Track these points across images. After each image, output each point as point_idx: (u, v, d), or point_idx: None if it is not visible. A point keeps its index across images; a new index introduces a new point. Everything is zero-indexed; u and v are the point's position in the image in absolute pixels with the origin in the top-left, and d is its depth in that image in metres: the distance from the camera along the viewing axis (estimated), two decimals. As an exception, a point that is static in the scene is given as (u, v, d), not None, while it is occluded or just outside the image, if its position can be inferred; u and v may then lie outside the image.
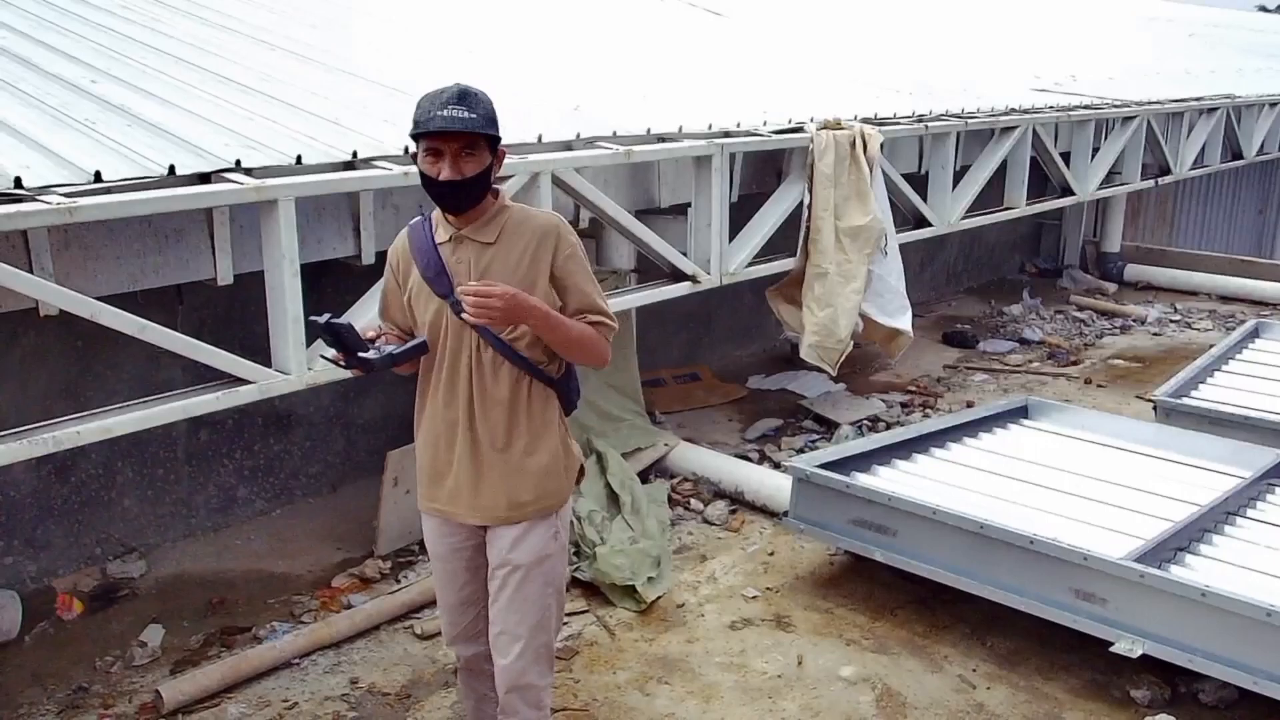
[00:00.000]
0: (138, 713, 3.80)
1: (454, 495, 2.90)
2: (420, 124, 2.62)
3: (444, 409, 2.85)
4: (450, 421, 2.85)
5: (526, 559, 2.91)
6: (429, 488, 2.96)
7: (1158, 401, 6.01)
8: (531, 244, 2.79)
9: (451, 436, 2.85)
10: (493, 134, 2.68)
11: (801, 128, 5.84)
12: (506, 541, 2.90)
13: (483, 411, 2.83)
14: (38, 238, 3.40)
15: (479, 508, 2.89)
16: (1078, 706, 3.87)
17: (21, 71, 4.22)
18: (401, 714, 3.81)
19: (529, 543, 2.91)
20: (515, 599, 2.92)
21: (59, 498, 4.64)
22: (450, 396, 2.84)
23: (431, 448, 2.91)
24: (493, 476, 2.86)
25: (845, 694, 3.94)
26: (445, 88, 2.62)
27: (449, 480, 2.89)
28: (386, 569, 4.79)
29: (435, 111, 2.58)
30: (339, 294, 4.22)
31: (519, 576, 2.91)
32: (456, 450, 2.85)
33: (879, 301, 6.34)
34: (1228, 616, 3.62)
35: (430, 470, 2.94)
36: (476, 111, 2.60)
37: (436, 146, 2.62)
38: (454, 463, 2.87)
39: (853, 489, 4.51)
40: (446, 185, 2.64)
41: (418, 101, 2.65)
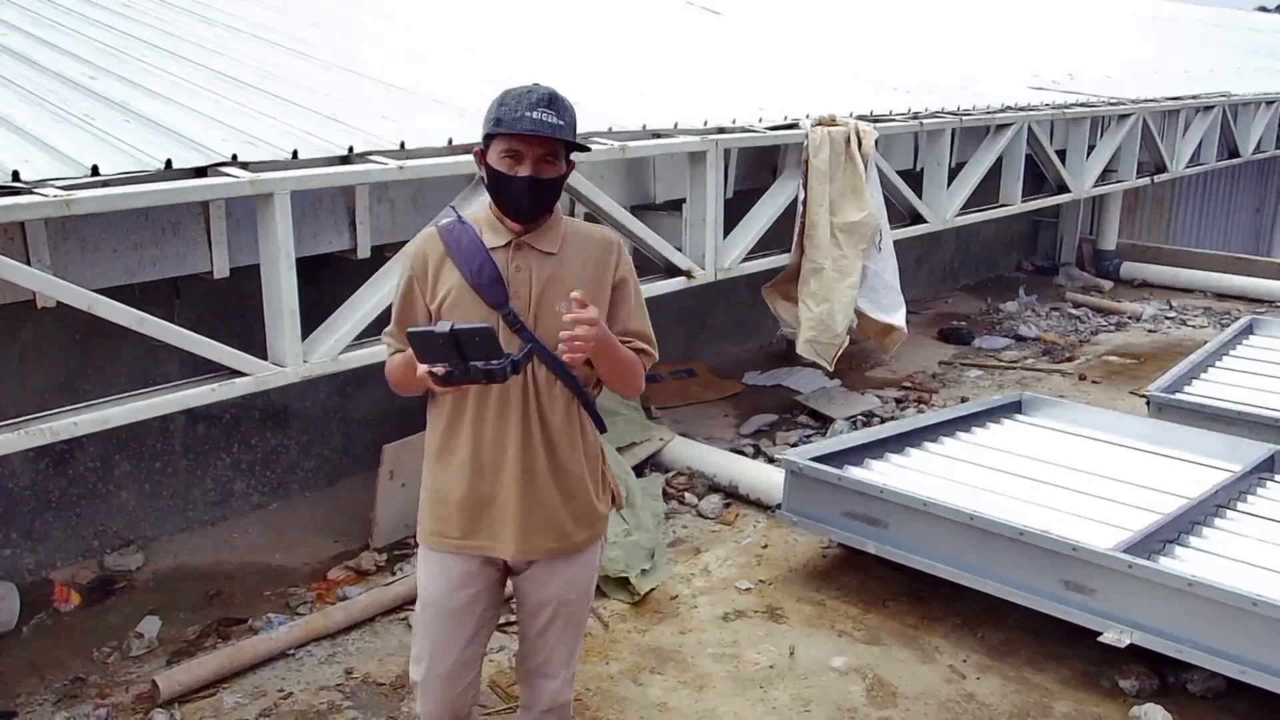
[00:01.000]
0: (134, 702, 3.83)
1: (497, 529, 2.64)
2: (505, 122, 2.43)
3: (492, 433, 2.59)
4: (498, 447, 2.59)
5: (579, 594, 2.78)
6: (465, 523, 2.66)
7: (1151, 397, 6.03)
8: (593, 258, 2.62)
9: (499, 464, 2.60)
10: (581, 145, 2.57)
11: (796, 124, 5.88)
12: (557, 577, 2.72)
13: (541, 435, 2.60)
14: (35, 230, 3.43)
15: (530, 541, 2.65)
16: (1067, 696, 3.90)
17: (21, 68, 4.25)
18: (396, 704, 3.85)
19: (583, 577, 2.77)
20: (566, 634, 2.80)
21: (57, 490, 4.68)
22: (500, 420, 2.58)
23: (469, 479, 2.62)
24: (547, 506, 2.64)
25: (837, 684, 3.97)
26: (532, 87, 2.46)
27: (492, 513, 2.63)
28: (382, 561, 4.82)
29: (524, 112, 2.41)
30: (335, 288, 4.27)
31: (569, 611, 2.77)
32: (505, 479, 2.60)
33: (874, 297, 6.38)
34: (1215, 606, 3.65)
35: (467, 504, 2.64)
36: (565, 119, 2.45)
37: (518, 148, 2.45)
38: (500, 493, 2.61)
39: (845, 482, 4.54)
40: (526, 183, 2.46)
41: (500, 98, 2.47)
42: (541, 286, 2.55)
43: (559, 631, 2.79)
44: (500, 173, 2.48)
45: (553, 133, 2.42)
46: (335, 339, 4.00)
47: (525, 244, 2.57)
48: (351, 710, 3.80)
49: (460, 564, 2.70)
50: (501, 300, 2.53)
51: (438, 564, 2.73)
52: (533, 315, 2.56)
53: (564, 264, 2.58)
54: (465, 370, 2.33)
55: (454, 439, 2.63)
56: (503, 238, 2.57)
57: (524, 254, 2.57)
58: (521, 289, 2.55)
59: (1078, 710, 3.82)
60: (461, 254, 2.54)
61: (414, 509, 5.04)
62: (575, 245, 2.61)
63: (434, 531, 2.71)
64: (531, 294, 2.56)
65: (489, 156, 2.51)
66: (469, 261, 2.53)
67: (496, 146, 2.48)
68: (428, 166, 4.16)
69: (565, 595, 2.75)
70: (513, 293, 2.54)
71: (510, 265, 2.55)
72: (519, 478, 2.61)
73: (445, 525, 2.68)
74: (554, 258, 2.58)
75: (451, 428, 2.63)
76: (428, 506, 2.73)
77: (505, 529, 2.64)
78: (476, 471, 2.62)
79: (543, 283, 2.55)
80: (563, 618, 2.77)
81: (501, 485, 2.61)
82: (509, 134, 2.44)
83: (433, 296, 2.57)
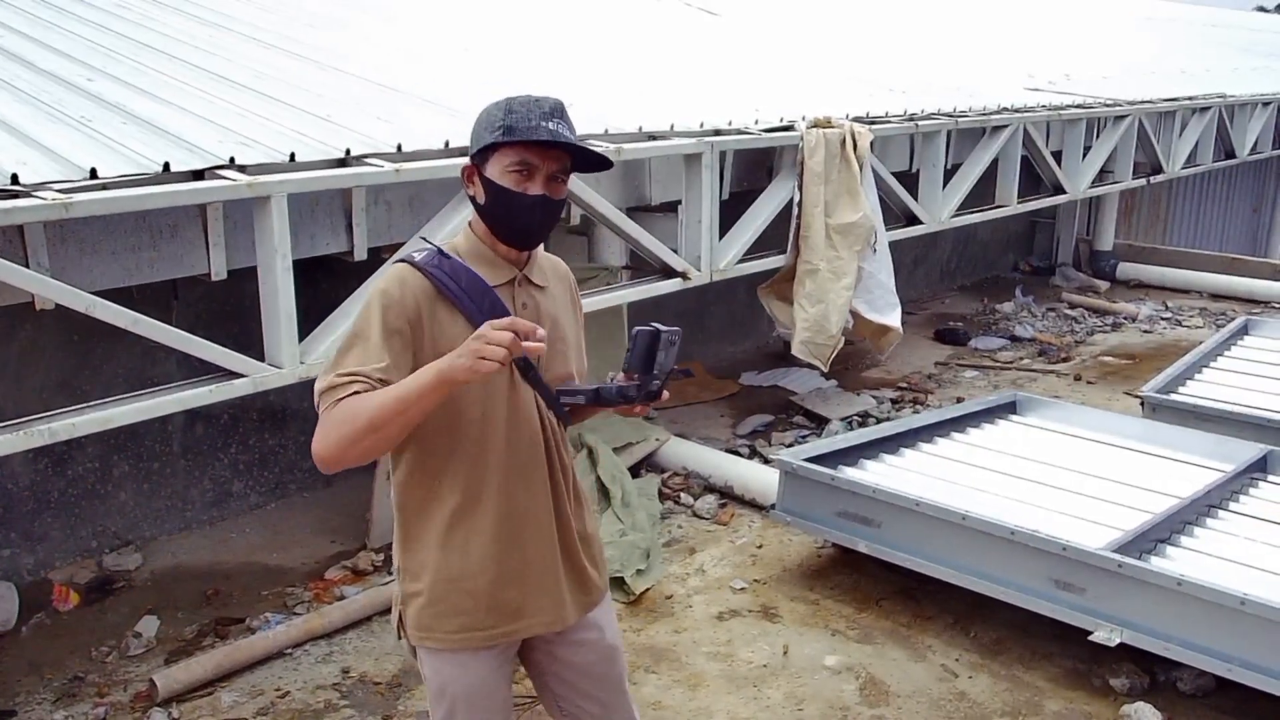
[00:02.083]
0: (132, 701, 3.86)
1: (534, 603, 2.31)
2: (518, 130, 2.11)
3: (520, 494, 2.25)
4: (529, 509, 2.27)
5: (618, 635, 2.54)
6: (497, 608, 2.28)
7: (1145, 397, 6.06)
8: (566, 291, 2.40)
9: (531, 529, 2.28)
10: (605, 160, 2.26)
11: (792, 126, 5.90)
12: (593, 629, 2.44)
13: (564, 485, 2.34)
14: (34, 233, 3.46)
15: (571, 605, 2.37)
16: (1058, 695, 3.93)
17: (17, 69, 4.28)
18: (392, 702, 3.87)
19: (613, 617, 2.53)
20: (622, 683, 2.54)
21: (56, 491, 4.71)
22: (523, 479, 2.25)
23: (498, 557, 2.25)
24: (577, 560, 2.38)
25: (830, 682, 4.00)
26: (540, 97, 2.18)
27: (527, 586, 2.29)
28: (379, 561, 4.85)
29: (539, 121, 2.11)
30: (331, 289, 4.29)
31: (618, 657, 2.52)
32: (540, 544, 2.29)
33: (869, 298, 6.41)
34: (1203, 605, 3.68)
35: (500, 584, 2.26)
36: (573, 132, 2.17)
37: (532, 161, 2.12)
38: (536, 561, 2.29)
39: (838, 482, 4.57)
40: (538, 202, 2.13)
41: (505, 105, 2.16)
42: (551, 324, 2.26)
43: (616, 685, 2.51)
44: (506, 189, 2.13)
45: (570, 142, 2.14)
46: (332, 340, 4.03)
47: (525, 278, 2.27)
48: (348, 709, 3.83)
49: (490, 658, 2.33)
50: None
51: (460, 665, 2.31)
52: (546, 357, 2.20)
53: (552, 299, 2.34)
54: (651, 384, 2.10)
55: (472, 514, 2.23)
56: (503, 273, 2.23)
57: (526, 290, 2.27)
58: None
59: (1068, 708, 3.85)
60: (464, 293, 2.14)
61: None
62: (551, 277, 2.36)
63: (455, 629, 2.27)
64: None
65: (489, 171, 2.16)
66: (476, 302, 2.14)
67: (502, 160, 2.13)
68: (424, 169, 4.18)
69: (612, 644, 2.49)
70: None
71: (516, 304, 2.23)
72: (555, 538, 2.31)
73: (470, 619, 2.27)
74: (546, 292, 2.32)
75: (468, 501, 2.23)
76: (440, 602, 2.26)
77: (544, 600, 2.32)
78: (507, 544, 2.25)
79: (552, 322, 2.28)
80: (617, 669, 2.51)
81: (537, 552, 2.29)
82: (521, 144, 2.12)
83: (432, 345, 2.12)
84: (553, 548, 2.31)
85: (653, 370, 2.08)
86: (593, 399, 2.14)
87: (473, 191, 2.22)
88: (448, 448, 2.21)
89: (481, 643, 2.29)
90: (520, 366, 2.17)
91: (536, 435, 2.26)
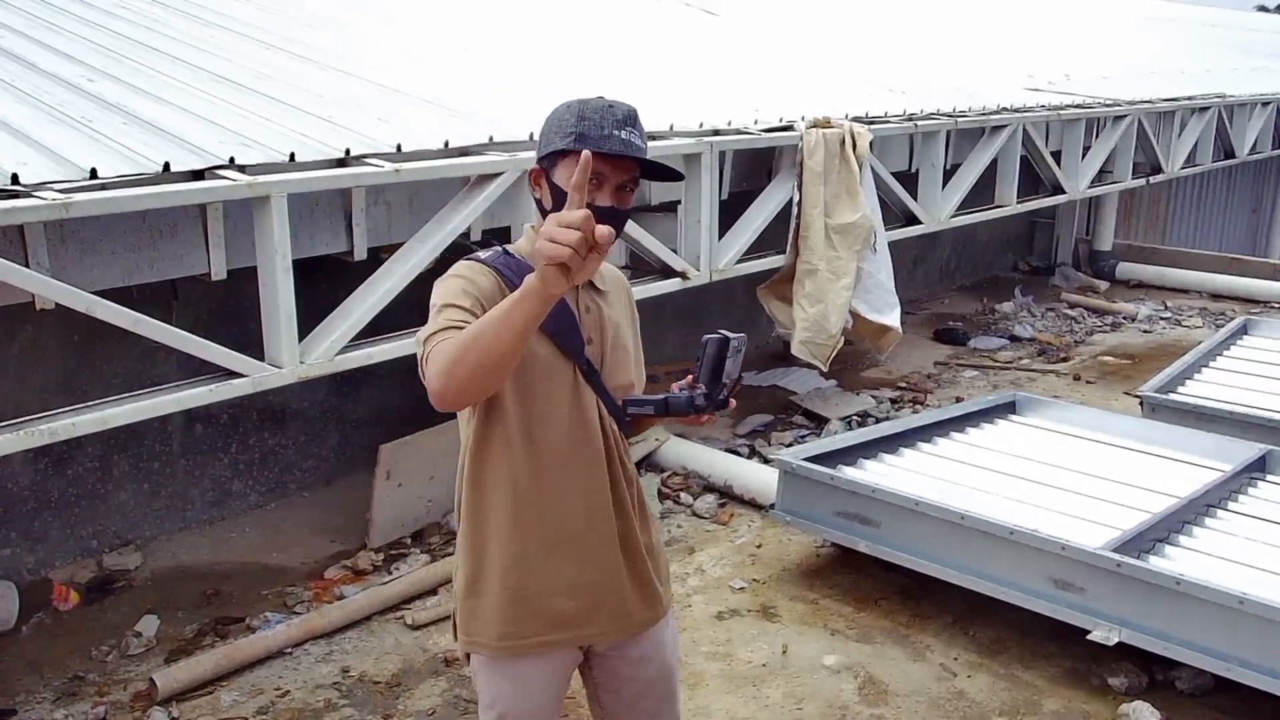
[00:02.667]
0: (132, 701, 3.86)
1: (591, 613, 2.27)
2: (589, 139, 2.06)
3: (580, 502, 2.23)
4: (582, 518, 2.24)
5: (678, 651, 2.50)
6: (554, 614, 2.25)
7: (1144, 397, 6.06)
8: (624, 297, 2.38)
9: (584, 538, 2.24)
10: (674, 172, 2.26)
11: (791, 126, 5.91)
12: (654, 645, 2.40)
13: (627, 491, 2.30)
14: (34, 233, 3.47)
15: (636, 616, 2.33)
16: (1057, 694, 3.94)
17: (18, 70, 4.29)
18: (392, 702, 3.88)
19: (675, 633, 2.49)
20: (675, 701, 2.50)
21: (56, 491, 4.71)
22: (584, 486, 2.23)
23: (552, 566, 2.23)
24: (647, 574, 2.34)
25: (829, 682, 4.00)
26: (614, 102, 2.13)
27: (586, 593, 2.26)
28: (379, 561, 4.86)
29: (611, 130, 2.08)
30: (331, 290, 4.30)
31: (674, 675, 2.48)
32: (601, 554, 2.26)
33: (868, 298, 6.42)
34: (1202, 604, 3.68)
35: (551, 589, 2.24)
36: (644, 140, 2.14)
37: (602, 171, 2.08)
38: (590, 572, 2.26)
39: (837, 481, 4.58)
40: (606, 213, 2.07)
41: (577, 109, 2.13)
42: (612, 329, 2.27)
43: (668, 704, 2.48)
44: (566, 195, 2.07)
45: (640, 155, 2.11)
46: (332, 340, 4.03)
47: (589, 283, 2.25)
48: (348, 708, 3.84)
49: (545, 665, 2.30)
50: (578, 348, 2.21)
51: (513, 677, 2.28)
52: (608, 362, 2.26)
53: (612, 303, 2.32)
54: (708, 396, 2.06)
55: (530, 519, 2.21)
56: None
57: (589, 294, 2.27)
58: (594, 334, 2.25)
59: (1067, 708, 3.86)
60: None
61: (410, 509, 5.12)
62: (611, 284, 2.35)
63: (507, 635, 2.24)
64: (605, 339, 2.27)
65: (556, 177, 2.11)
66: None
67: (571, 166, 2.04)
68: (424, 169, 4.19)
69: (670, 662, 2.46)
70: (586, 338, 2.23)
71: (580, 307, 2.23)
72: (617, 548, 2.28)
73: (525, 625, 2.24)
74: (608, 296, 2.31)
75: (526, 506, 2.21)
76: (496, 607, 2.24)
77: (602, 611, 2.28)
78: (565, 552, 2.23)
79: (614, 326, 2.28)
80: (673, 692, 2.49)
81: (597, 561, 2.26)
82: (594, 154, 1.99)
83: None
84: (614, 558, 2.28)
85: (721, 379, 2.06)
86: (661, 409, 2.10)
87: (539, 195, 2.19)
88: (505, 450, 2.19)
89: (527, 651, 2.26)
90: (584, 371, 2.20)
91: (597, 442, 2.24)
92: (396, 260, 4.24)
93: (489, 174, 4.38)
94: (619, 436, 2.29)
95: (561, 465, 2.20)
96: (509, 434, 2.18)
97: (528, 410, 2.17)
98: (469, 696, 3.89)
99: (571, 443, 2.21)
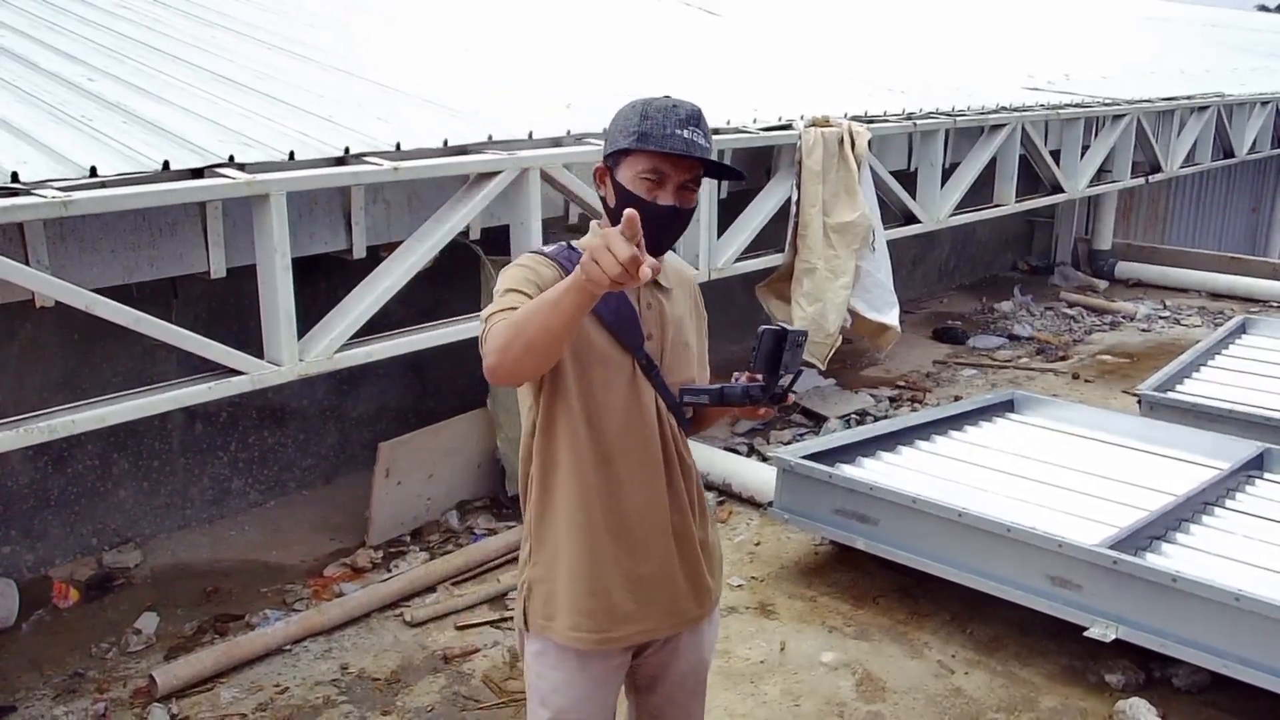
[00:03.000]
0: (132, 697, 3.88)
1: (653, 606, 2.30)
2: (651, 138, 2.10)
3: (636, 495, 2.25)
4: (638, 512, 2.26)
5: (713, 650, 2.52)
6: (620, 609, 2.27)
7: (1142, 396, 6.07)
8: (689, 295, 2.40)
9: (639, 531, 2.26)
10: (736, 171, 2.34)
11: (790, 125, 5.92)
12: (699, 643, 2.44)
13: (684, 487, 2.32)
14: (34, 231, 3.48)
15: (688, 612, 2.35)
16: (1054, 691, 3.95)
17: (19, 69, 4.30)
18: (390, 698, 3.89)
19: (717, 628, 2.52)
20: (704, 695, 2.54)
21: (56, 489, 4.72)
22: (641, 480, 2.25)
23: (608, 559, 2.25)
24: (700, 569, 2.36)
25: (826, 678, 4.01)
26: (677, 101, 2.16)
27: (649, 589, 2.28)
28: (378, 559, 4.87)
29: (674, 129, 2.10)
30: (330, 289, 4.31)
31: (704, 675, 2.52)
32: (657, 548, 2.28)
33: (867, 297, 6.43)
34: (1198, 602, 3.69)
35: (624, 584, 2.26)
36: (709, 140, 2.16)
37: (664, 170, 2.11)
38: (658, 562, 2.28)
39: (835, 479, 4.59)
40: (668, 212, 2.13)
41: (641, 108, 2.15)
42: (674, 326, 2.30)
43: (698, 701, 2.53)
44: (637, 197, 2.12)
45: (703, 154, 2.13)
46: (331, 338, 4.04)
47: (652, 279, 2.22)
48: (347, 705, 3.85)
49: (605, 659, 2.32)
50: (639, 343, 2.23)
51: (568, 672, 2.31)
52: (668, 358, 2.28)
53: (675, 301, 2.33)
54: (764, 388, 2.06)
55: (586, 512, 2.24)
56: None
57: (651, 290, 2.29)
58: (654, 329, 2.27)
59: (1064, 704, 3.87)
60: None
61: (409, 507, 5.13)
62: (675, 280, 2.37)
63: (576, 626, 2.26)
64: (666, 335, 2.28)
65: (620, 175, 2.15)
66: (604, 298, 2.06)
67: (634, 165, 2.12)
68: (423, 168, 4.20)
69: (706, 658, 2.50)
70: (646, 333, 2.25)
71: (641, 303, 2.25)
72: (672, 542, 2.30)
73: (593, 619, 2.26)
74: (671, 294, 2.33)
75: (582, 498, 2.24)
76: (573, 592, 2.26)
77: (656, 606, 2.30)
78: (621, 545, 2.26)
79: (676, 322, 2.30)
80: (701, 687, 2.53)
81: (652, 555, 2.29)
82: (655, 153, 2.10)
83: None
84: (668, 551, 2.30)
85: (777, 371, 2.05)
86: (716, 399, 2.11)
87: (604, 193, 2.22)
88: (569, 437, 2.22)
89: (591, 644, 2.27)
90: (643, 365, 2.22)
91: (655, 436, 2.26)
92: (395, 259, 4.25)
93: (488, 172, 4.39)
94: (678, 431, 2.32)
95: (619, 457, 2.23)
96: (572, 422, 2.21)
97: (588, 400, 2.20)
98: (468, 693, 3.91)
99: (628, 435, 2.23)
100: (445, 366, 5.79)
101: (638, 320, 2.24)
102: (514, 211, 4.62)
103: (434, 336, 4.42)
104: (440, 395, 5.76)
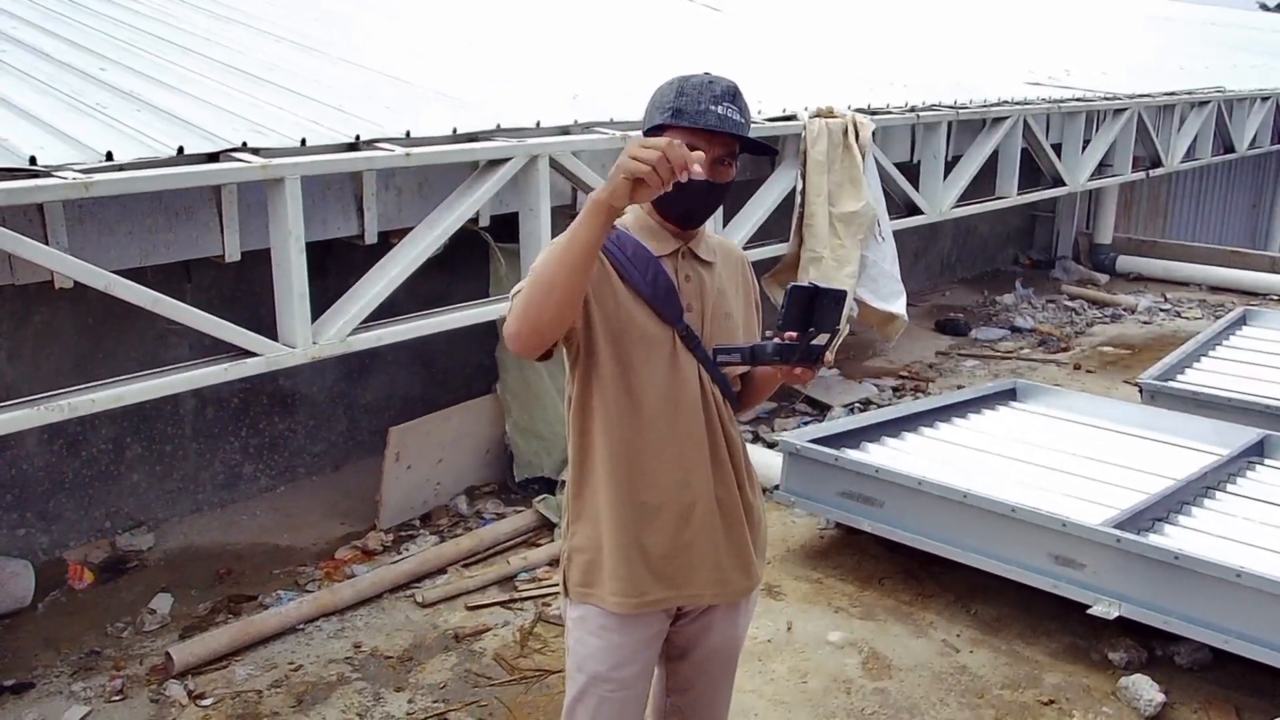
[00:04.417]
0: (148, 674, 3.93)
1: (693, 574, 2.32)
2: (688, 115, 2.15)
3: (678, 465, 2.27)
4: (680, 481, 2.27)
5: (748, 627, 2.55)
6: (661, 575, 2.29)
7: (1144, 384, 6.13)
8: (737, 271, 2.43)
9: (696, 497, 2.29)
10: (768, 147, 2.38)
11: (794, 116, 5.97)
12: (735, 618, 2.46)
13: (729, 459, 2.34)
14: (54, 213, 3.53)
15: (731, 583, 2.37)
16: (1057, 669, 4.00)
17: (34, 60, 4.36)
18: (404, 675, 3.95)
19: (754, 606, 2.53)
20: (734, 669, 2.57)
21: (70, 472, 4.78)
22: (684, 448, 2.27)
23: (664, 521, 2.28)
24: (739, 540, 2.37)
25: (833, 657, 4.07)
26: (714, 78, 2.19)
27: (690, 556, 2.30)
28: (389, 541, 4.92)
29: (708, 105, 2.15)
30: (341, 274, 4.36)
31: (736, 653, 2.55)
32: (700, 517, 2.30)
33: (873, 286, 6.47)
34: (1200, 579, 3.75)
35: (666, 550, 2.29)
36: (746, 116, 2.20)
37: (698, 146, 2.07)
38: (700, 531, 2.30)
39: (841, 462, 4.64)
40: (703, 187, 2.14)
41: (677, 85, 2.19)
42: (715, 299, 2.32)
43: (728, 677, 2.56)
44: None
45: (739, 131, 2.17)
46: (344, 321, 4.09)
47: (690, 251, 2.32)
48: (360, 681, 3.90)
49: (645, 626, 2.34)
50: (676, 315, 2.26)
51: (617, 630, 2.32)
52: (708, 329, 2.30)
53: (718, 275, 2.36)
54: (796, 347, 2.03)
55: (629, 480, 2.26)
56: (667, 245, 2.28)
57: (690, 263, 2.31)
58: (694, 301, 2.29)
59: (1067, 681, 3.92)
60: (630, 261, 2.23)
61: (419, 491, 5.19)
62: (720, 255, 2.39)
63: (615, 591, 2.29)
64: (706, 306, 2.31)
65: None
66: (640, 270, 2.22)
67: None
68: (433, 154, 4.25)
69: (740, 636, 2.52)
70: (685, 305, 2.28)
71: (680, 275, 2.29)
72: (716, 512, 2.31)
73: (633, 584, 2.29)
74: (713, 267, 2.35)
75: (624, 467, 2.26)
76: (612, 560, 2.29)
77: (699, 573, 2.32)
78: (675, 509, 2.28)
79: (716, 294, 2.33)
80: (730, 665, 2.55)
81: (695, 524, 2.30)
82: (690, 128, 2.14)
83: (597, 303, 2.20)
84: (713, 522, 2.31)
85: (807, 330, 2.02)
86: (748, 357, 2.10)
87: None
88: (599, 416, 2.24)
89: (631, 609, 2.29)
90: (683, 336, 2.24)
91: (697, 407, 2.27)
92: (406, 244, 4.31)
93: (497, 159, 4.44)
94: (721, 403, 2.33)
95: (661, 428, 2.25)
96: (605, 397, 2.23)
97: (626, 373, 2.23)
98: (479, 671, 3.96)
99: (669, 406, 2.25)
100: (453, 356, 5.85)
101: (675, 292, 2.26)
102: (523, 198, 4.67)
103: (444, 321, 4.48)
104: (447, 385, 5.82)
